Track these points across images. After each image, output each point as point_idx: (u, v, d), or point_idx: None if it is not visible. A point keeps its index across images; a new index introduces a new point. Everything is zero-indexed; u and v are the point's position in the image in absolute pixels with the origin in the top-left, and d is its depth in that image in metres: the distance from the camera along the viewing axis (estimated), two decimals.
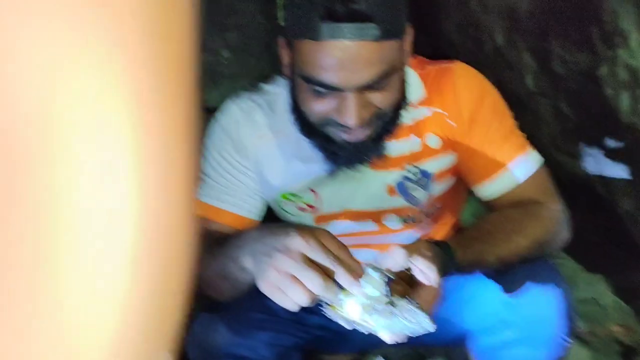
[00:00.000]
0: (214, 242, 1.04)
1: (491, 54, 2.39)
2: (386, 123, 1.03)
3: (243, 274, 0.92)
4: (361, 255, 1.26)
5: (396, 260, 0.85)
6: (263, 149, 1.14)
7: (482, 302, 1.05)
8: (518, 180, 1.13)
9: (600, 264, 2.18)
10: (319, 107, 0.98)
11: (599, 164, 1.87)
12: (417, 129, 1.13)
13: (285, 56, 1.05)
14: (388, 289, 0.84)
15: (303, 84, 0.98)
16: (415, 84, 1.12)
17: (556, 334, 1.10)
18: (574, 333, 1.14)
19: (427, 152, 1.15)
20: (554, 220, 1.12)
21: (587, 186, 2.10)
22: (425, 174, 1.16)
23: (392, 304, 0.82)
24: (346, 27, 0.87)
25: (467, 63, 2.78)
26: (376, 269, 0.83)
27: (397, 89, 1.01)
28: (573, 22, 1.73)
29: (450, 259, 0.92)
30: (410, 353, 1.54)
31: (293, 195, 1.18)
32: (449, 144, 1.15)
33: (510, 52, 2.20)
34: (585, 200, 2.26)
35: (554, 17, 1.82)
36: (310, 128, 1.04)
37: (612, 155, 1.79)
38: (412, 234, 1.24)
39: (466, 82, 1.13)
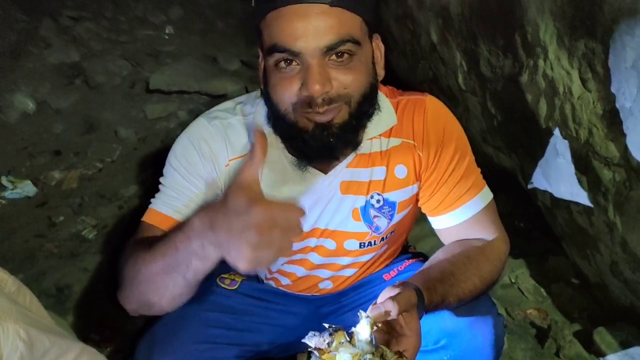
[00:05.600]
0: (156, 239, 1.03)
1: (427, 48, 2.47)
2: (356, 111, 1.04)
3: (201, 263, 0.91)
4: (317, 273, 1.30)
5: (387, 313, 0.87)
6: (236, 169, 1.13)
7: (423, 326, 1.04)
8: (470, 215, 1.18)
9: (523, 249, 2.32)
10: (286, 88, 1.00)
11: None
12: (387, 158, 1.17)
13: (260, 67, 1.08)
14: (374, 336, 0.86)
15: (272, 69, 1.01)
16: (387, 110, 1.15)
17: None
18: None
19: (393, 182, 1.19)
20: (502, 262, 1.18)
21: (511, 176, 2.23)
22: (390, 203, 1.20)
23: (383, 356, 0.84)
24: None
25: (405, 54, 2.87)
26: (367, 317, 0.85)
27: (362, 74, 1.03)
28: (499, 29, 1.82)
29: (421, 303, 0.96)
30: None
31: None
32: (414, 175, 1.19)
33: (443, 50, 2.29)
34: (510, 188, 2.40)
35: (483, 21, 1.90)
36: (281, 122, 1.05)
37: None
38: (365, 256, 1.29)
39: (437, 117, 1.17)
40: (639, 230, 1.48)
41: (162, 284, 1.00)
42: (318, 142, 1.04)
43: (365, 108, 1.06)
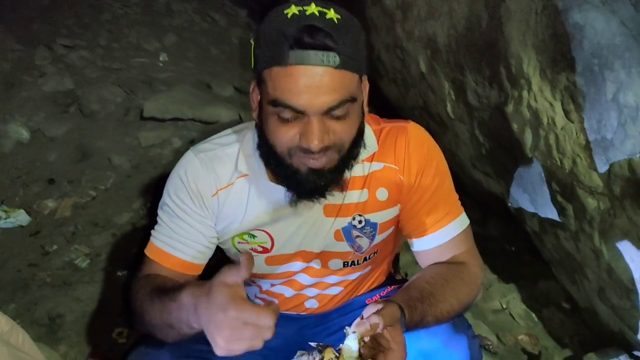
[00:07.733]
0: (156, 288, 1.11)
1: (417, 77, 2.52)
2: (345, 156, 1.09)
3: (189, 329, 0.99)
4: (305, 292, 1.35)
5: (373, 327, 0.92)
6: (224, 198, 1.20)
7: None
8: (447, 239, 1.23)
9: (513, 273, 2.34)
10: (285, 134, 1.04)
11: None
12: (369, 182, 1.22)
13: (254, 98, 1.12)
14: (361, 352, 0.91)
15: (271, 113, 1.04)
16: (369, 138, 1.20)
17: None
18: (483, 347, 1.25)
19: (375, 204, 1.23)
20: (477, 286, 1.22)
21: (500, 200, 2.26)
22: (371, 224, 1.25)
23: None
24: (311, 53, 0.97)
25: (395, 81, 2.91)
26: (354, 332, 0.90)
27: (355, 124, 1.08)
28: (485, 60, 1.86)
29: (403, 319, 1.00)
30: None
31: (249, 235, 1.24)
32: (395, 197, 1.24)
33: (432, 79, 2.33)
34: (500, 212, 2.43)
35: (469, 53, 1.95)
36: (275, 161, 1.10)
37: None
38: (351, 276, 1.33)
39: (418, 142, 1.22)
40: (624, 257, 1.51)
41: (163, 333, 1.08)
42: (310, 184, 1.09)
43: (353, 152, 1.12)
